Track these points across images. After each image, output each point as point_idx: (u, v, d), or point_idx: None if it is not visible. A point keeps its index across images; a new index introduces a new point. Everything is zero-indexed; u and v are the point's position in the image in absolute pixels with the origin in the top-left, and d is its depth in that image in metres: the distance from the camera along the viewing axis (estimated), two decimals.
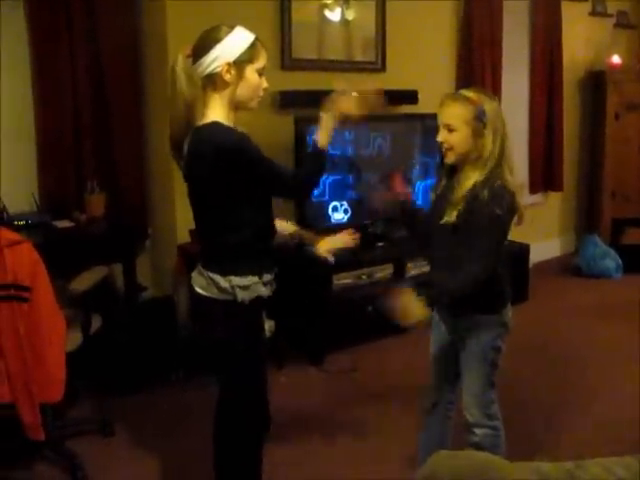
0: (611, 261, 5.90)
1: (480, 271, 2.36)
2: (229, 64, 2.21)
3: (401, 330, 4.36)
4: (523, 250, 5.23)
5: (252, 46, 2.26)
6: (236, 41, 2.23)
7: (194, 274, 2.38)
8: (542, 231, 6.14)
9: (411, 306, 2.30)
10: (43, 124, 3.89)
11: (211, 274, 2.29)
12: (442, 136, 2.45)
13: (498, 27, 5.48)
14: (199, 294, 2.34)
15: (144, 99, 4.23)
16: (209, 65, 2.22)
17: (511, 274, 2.60)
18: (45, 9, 3.80)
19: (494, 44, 5.47)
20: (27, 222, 3.64)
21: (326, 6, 4.58)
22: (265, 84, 2.33)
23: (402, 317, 2.31)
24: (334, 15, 4.63)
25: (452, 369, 2.64)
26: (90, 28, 3.94)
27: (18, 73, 3.85)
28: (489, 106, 2.39)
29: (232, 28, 2.25)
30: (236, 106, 2.30)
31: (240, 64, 2.23)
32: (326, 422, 3.48)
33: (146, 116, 4.25)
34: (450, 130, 2.42)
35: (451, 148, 2.43)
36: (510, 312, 2.55)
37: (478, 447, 2.53)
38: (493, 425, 2.57)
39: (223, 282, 2.26)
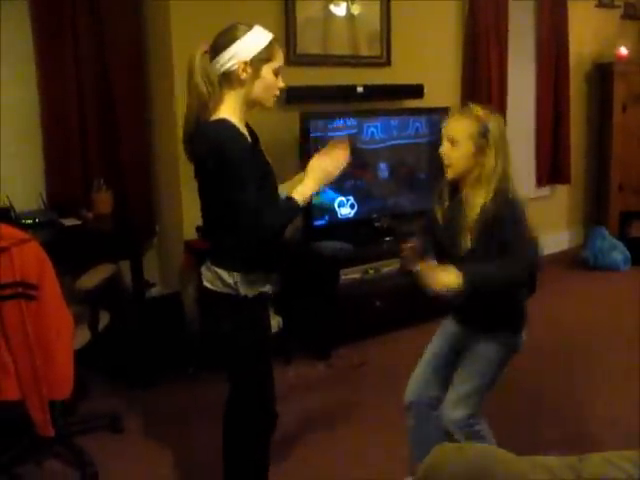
0: (619, 254, 5.89)
1: (531, 257, 2.34)
2: (245, 63, 2.23)
3: (412, 320, 4.39)
4: None
5: (269, 45, 2.27)
6: (254, 40, 2.24)
7: (203, 269, 2.40)
8: (549, 224, 6.12)
9: (447, 274, 2.26)
10: (49, 123, 3.90)
11: (217, 269, 2.31)
12: (444, 149, 2.43)
13: (504, 20, 5.47)
14: (206, 288, 2.36)
15: (149, 97, 4.24)
16: (225, 63, 2.23)
17: None
18: (49, 9, 3.80)
19: (500, 37, 5.45)
20: (34, 220, 3.65)
21: (331, 1, 4.58)
22: (281, 84, 2.35)
23: (435, 282, 2.27)
24: (339, 10, 4.63)
25: (446, 372, 2.61)
26: (94, 27, 3.94)
27: (24, 72, 3.86)
28: (494, 124, 2.38)
29: (250, 27, 2.26)
30: (251, 104, 2.31)
31: (257, 63, 2.24)
32: (333, 417, 3.48)
33: (152, 114, 4.26)
34: (453, 144, 2.41)
35: (450, 165, 2.42)
36: (524, 336, 2.54)
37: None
38: (469, 433, 2.53)
39: (227, 277, 2.28)
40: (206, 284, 2.37)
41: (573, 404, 3.56)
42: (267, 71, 2.27)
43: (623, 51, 6.29)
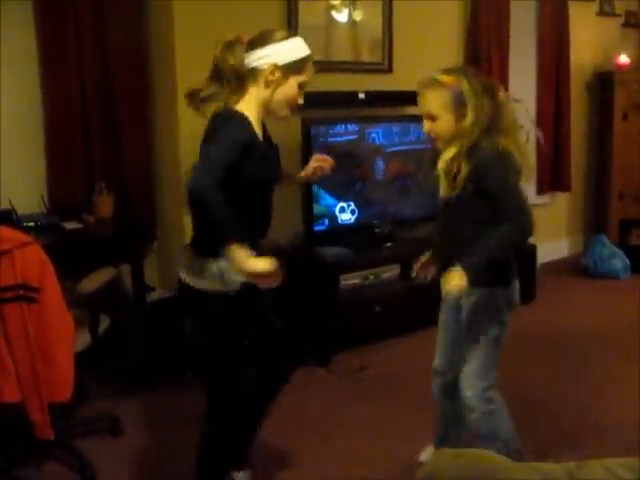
0: (619, 262, 5.89)
1: (525, 221, 2.32)
2: (275, 66, 2.26)
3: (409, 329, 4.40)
4: (530, 250, 5.23)
5: (304, 59, 2.31)
6: (291, 48, 2.28)
7: (184, 265, 2.39)
8: (550, 231, 6.13)
9: (453, 277, 2.29)
10: (51, 126, 3.91)
11: (201, 260, 2.29)
12: (426, 126, 2.43)
13: (505, 28, 5.48)
14: (189, 287, 2.37)
15: (152, 100, 4.25)
16: (257, 59, 2.27)
17: (518, 273, 2.60)
18: (52, 9, 3.82)
19: (501, 45, 5.46)
20: (36, 223, 3.66)
21: (333, 7, 4.59)
22: (301, 100, 2.36)
23: (445, 289, 2.32)
24: (341, 16, 4.65)
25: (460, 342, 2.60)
26: (98, 27, 3.95)
27: (26, 74, 3.87)
28: (466, 85, 2.34)
29: (292, 35, 2.32)
30: (267, 109, 2.33)
31: (286, 70, 2.28)
32: (333, 422, 3.49)
33: (154, 117, 4.27)
34: (433, 119, 2.40)
35: (438, 137, 2.42)
36: (517, 288, 2.53)
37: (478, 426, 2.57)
38: (489, 410, 2.54)
39: (213, 266, 2.26)
40: (189, 281, 2.36)
41: (573, 411, 3.56)
42: (293, 82, 2.31)
43: (624, 59, 6.31)
